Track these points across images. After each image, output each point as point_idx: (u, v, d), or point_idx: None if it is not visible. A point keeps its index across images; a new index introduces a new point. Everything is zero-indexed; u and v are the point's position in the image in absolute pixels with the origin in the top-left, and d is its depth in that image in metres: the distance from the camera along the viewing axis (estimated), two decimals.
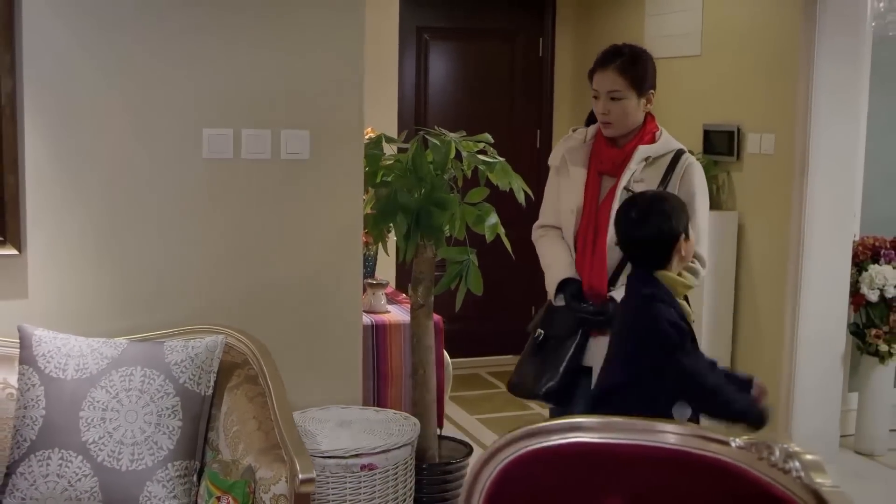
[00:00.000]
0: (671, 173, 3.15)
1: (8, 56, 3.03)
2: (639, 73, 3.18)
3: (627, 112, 3.18)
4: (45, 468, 2.80)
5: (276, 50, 3.31)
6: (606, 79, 3.18)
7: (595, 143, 3.27)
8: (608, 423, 1.90)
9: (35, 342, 2.92)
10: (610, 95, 3.16)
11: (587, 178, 3.22)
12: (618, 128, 3.19)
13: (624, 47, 3.24)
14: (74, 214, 3.17)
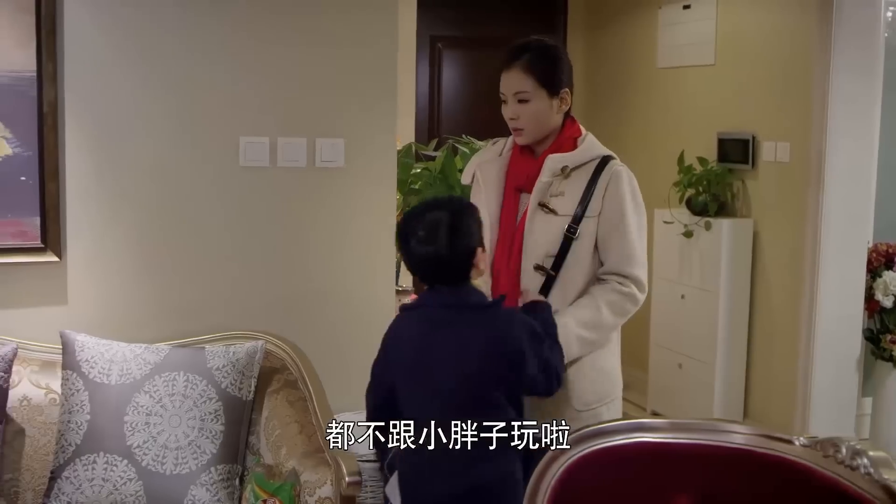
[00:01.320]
0: (594, 184, 2.72)
1: (51, 65, 3.07)
2: (548, 70, 2.76)
3: (538, 115, 2.76)
4: (91, 472, 2.83)
5: (311, 59, 3.35)
6: (512, 79, 2.76)
7: (511, 156, 2.88)
8: (673, 424, 1.94)
9: (78, 348, 2.95)
10: (517, 97, 2.75)
11: (504, 195, 2.84)
12: (529, 134, 2.78)
13: (530, 42, 2.80)
14: (114, 221, 3.21)
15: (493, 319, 2.49)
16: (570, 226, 2.70)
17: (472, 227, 2.49)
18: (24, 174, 3.09)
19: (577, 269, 2.73)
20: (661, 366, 5.63)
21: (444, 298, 2.51)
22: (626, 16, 6.30)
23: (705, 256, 5.24)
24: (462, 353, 2.44)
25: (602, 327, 2.72)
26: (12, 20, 3.04)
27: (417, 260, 2.49)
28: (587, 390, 2.74)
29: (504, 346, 2.44)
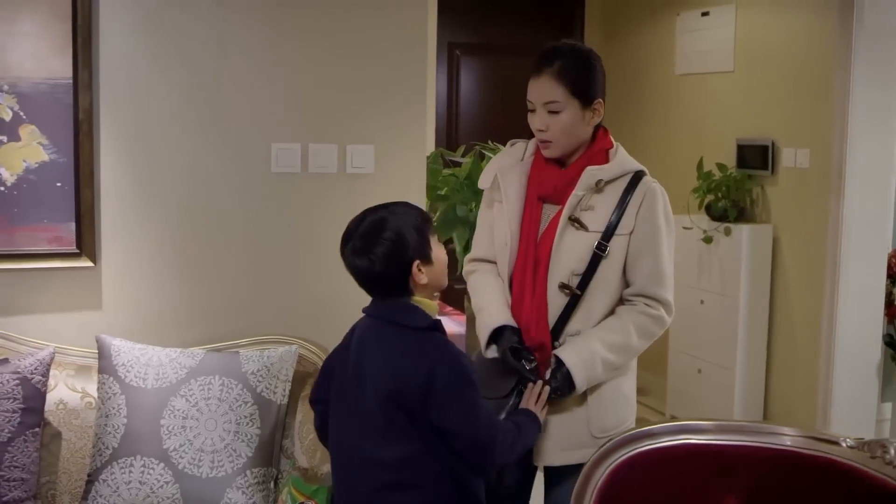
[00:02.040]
0: (628, 200, 2.57)
1: (87, 73, 3.11)
2: (583, 78, 2.57)
3: (570, 128, 2.57)
4: (128, 475, 2.85)
5: (342, 67, 3.38)
6: (542, 86, 2.57)
7: (535, 162, 2.69)
8: (719, 425, 1.97)
9: (114, 352, 2.98)
10: (547, 108, 2.56)
11: (525, 204, 2.65)
12: (558, 147, 2.60)
13: (563, 47, 2.61)
14: (147, 227, 3.24)
15: (419, 344, 2.33)
16: (599, 243, 2.55)
17: (408, 240, 2.33)
18: (60, 180, 3.13)
19: (603, 289, 2.59)
20: (681, 371, 5.65)
21: (378, 311, 2.41)
22: (643, 22, 6.33)
23: (725, 262, 5.26)
24: (382, 373, 2.32)
25: (629, 351, 2.60)
26: (49, 28, 3.07)
27: (351, 270, 2.38)
28: (607, 416, 2.62)
29: (416, 375, 2.27)
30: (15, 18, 3.03)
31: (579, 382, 2.53)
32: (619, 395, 2.66)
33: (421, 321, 2.35)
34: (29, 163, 3.09)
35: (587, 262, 2.56)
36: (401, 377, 2.29)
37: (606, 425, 2.60)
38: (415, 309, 2.37)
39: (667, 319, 2.62)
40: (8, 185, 3.08)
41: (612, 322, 2.59)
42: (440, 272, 2.42)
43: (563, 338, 2.59)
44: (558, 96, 2.55)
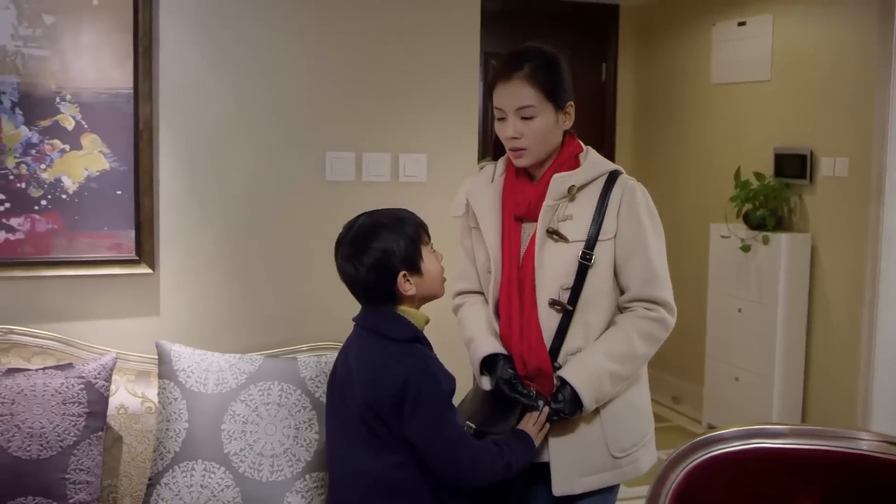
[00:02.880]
0: (606, 203, 2.45)
1: (147, 83, 3.16)
2: (555, 80, 2.44)
3: (544, 133, 2.45)
4: (189, 479, 2.89)
5: (396, 77, 3.43)
6: (513, 91, 2.43)
7: (506, 180, 2.57)
8: (793, 429, 1.99)
9: (174, 357, 3.02)
10: (520, 114, 2.43)
11: (503, 225, 2.53)
12: (533, 155, 2.47)
13: (530, 49, 2.48)
14: (205, 234, 3.28)
15: (397, 355, 2.30)
16: (584, 252, 2.43)
17: (395, 249, 2.30)
18: (120, 188, 3.18)
19: (597, 300, 2.47)
20: (718, 379, 5.66)
21: (365, 319, 2.39)
22: (678, 32, 6.36)
23: (763, 270, 5.27)
24: (362, 383, 2.31)
25: (635, 359, 2.46)
26: (110, 39, 3.13)
27: (341, 276, 2.37)
28: (624, 433, 2.51)
29: (391, 385, 2.26)
30: (77, 30, 3.09)
31: (587, 401, 2.41)
32: (633, 408, 2.55)
33: (401, 332, 2.32)
34: (90, 171, 3.15)
35: (574, 275, 2.44)
36: (377, 388, 2.27)
37: (625, 443, 2.51)
38: (398, 319, 2.34)
39: (669, 320, 2.48)
40: (70, 192, 3.13)
41: (612, 332, 2.47)
42: (431, 283, 2.38)
43: (562, 358, 2.46)
44: (532, 100, 2.42)
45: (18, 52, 3.05)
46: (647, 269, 2.46)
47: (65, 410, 2.82)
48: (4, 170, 3.06)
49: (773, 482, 1.98)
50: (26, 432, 2.76)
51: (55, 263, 3.15)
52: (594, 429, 2.48)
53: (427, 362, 2.30)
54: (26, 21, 3.04)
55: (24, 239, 3.11)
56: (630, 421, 2.54)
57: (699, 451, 2.03)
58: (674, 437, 5.60)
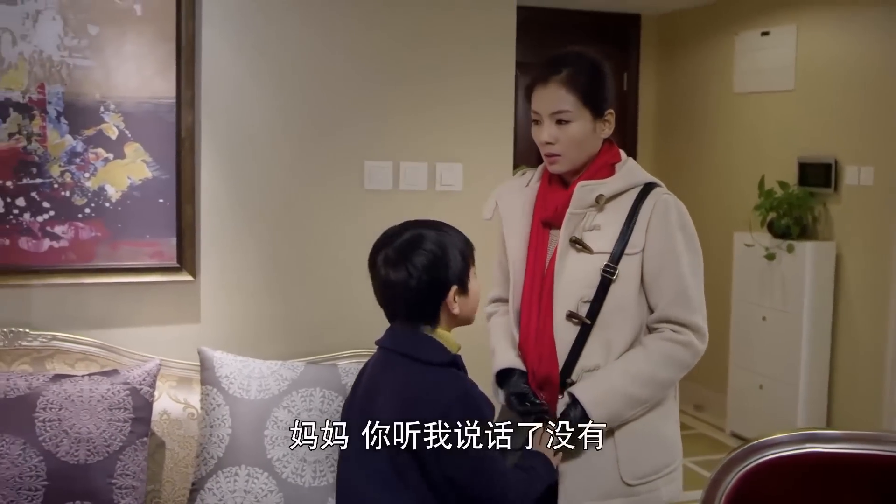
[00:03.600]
0: (636, 216, 2.33)
1: (189, 92, 3.20)
2: (594, 86, 2.37)
3: (580, 139, 2.36)
4: (233, 484, 2.92)
5: (433, 88, 3.47)
6: (549, 95, 2.36)
7: (540, 187, 2.49)
8: (847, 434, 2.01)
9: (217, 364, 3.05)
10: (556, 118, 2.35)
11: (531, 231, 2.45)
12: (567, 161, 2.39)
13: (570, 53, 2.41)
14: (245, 242, 3.32)
15: (434, 380, 2.12)
16: (607, 265, 2.32)
17: (451, 260, 2.16)
18: (163, 196, 3.22)
19: (619, 317, 2.34)
20: (742, 387, 5.68)
21: (393, 342, 2.22)
22: (700, 42, 6.39)
23: (787, 279, 5.29)
24: (391, 412, 2.11)
25: (655, 383, 2.33)
26: (154, 49, 3.17)
27: (381, 284, 2.19)
28: (640, 459, 2.36)
29: (429, 414, 2.06)
30: (121, 39, 3.13)
31: (597, 420, 2.29)
32: (656, 435, 2.40)
33: (439, 356, 2.15)
34: (133, 179, 3.18)
35: (595, 288, 2.32)
36: (412, 418, 2.07)
37: (640, 470, 2.36)
38: (433, 342, 2.17)
39: (698, 345, 2.33)
40: (113, 201, 3.17)
41: (634, 352, 2.35)
42: (473, 307, 2.25)
43: (577, 374, 2.34)
44: (568, 105, 2.34)
45: (64, 63, 3.09)
46: (677, 288, 2.33)
47: (111, 416, 2.85)
48: (49, 178, 3.10)
49: (827, 486, 2.00)
50: (74, 437, 2.79)
51: (98, 271, 3.18)
52: (607, 452, 2.33)
53: (467, 388, 2.13)
54: (72, 32, 3.08)
55: (68, 246, 3.15)
56: (648, 447, 2.38)
57: (753, 455, 2.05)
58: (698, 444, 5.61)
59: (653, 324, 2.37)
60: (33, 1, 3.04)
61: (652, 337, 2.36)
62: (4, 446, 2.74)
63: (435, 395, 2.08)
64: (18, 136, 3.07)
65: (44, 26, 3.06)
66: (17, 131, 3.07)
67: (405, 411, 2.09)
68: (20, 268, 3.11)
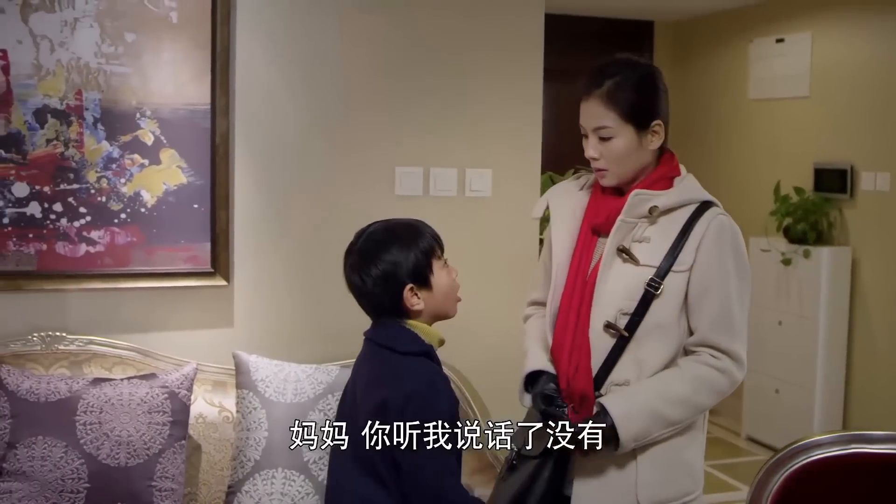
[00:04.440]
0: (688, 234, 2.25)
1: (224, 99, 3.23)
2: (637, 98, 2.28)
3: (624, 155, 2.29)
4: (270, 486, 2.95)
5: (462, 95, 3.50)
6: (590, 111, 2.29)
7: (594, 192, 2.41)
8: (890, 435, 2.04)
9: (252, 368, 3.08)
10: (598, 134, 2.29)
11: (578, 235, 2.37)
12: (615, 175, 2.31)
13: (613, 64, 2.32)
14: (278, 247, 3.35)
15: (403, 368, 2.20)
16: (652, 279, 2.24)
17: (403, 261, 2.22)
18: (197, 202, 3.25)
19: (657, 334, 2.26)
20: (757, 391, 5.71)
21: (373, 333, 2.33)
22: (714, 49, 6.43)
23: (804, 284, 5.33)
24: (366, 398, 2.20)
25: (687, 405, 2.24)
26: (189, 56, 3.20)
27: (349, 287, 2.32)
28: (660, 483, 2.28)
29: (395, 398, 2.13)
30: (157, 47, 3.16)
31: (625, 437, 2.19)
32: (678, 460, 2.31)
33: (410, 345, 2.23)
34: (168, 185, 3.22)
35: (637, 301, 2.24)
36: (381, 401, 2.16)
37: (659, 495, 2.27)
38: (407, 333, 2.25)
39: (736, 374, 2.25)
40: (148, 206, 3.20)
41: (669, 371, 2.26)
42: (442, 298, 2.28)
43: (605, 388, 2.27)
44: (609, 122, 2.27)
45: (101, 69, 3.12)
46: (721, 312, 2.24)
47: (150, 419, 2.88)
48: (86, 184, 3.13)
49: (872, 487, 2.03)
50: (114, 440, 2.82)
51: (133, 275, 3.21)
52: (627, 471, 2.27)
53: (434, 377, 2.18)
54: (109, 39, 3.12)
55: (104, 251, 3.18)
56: (670, 472, 2.29)
57: (799, 457, 2.08)
58: (713, 448, 5.62)
59: (691, 346, 2.28)
60: (71, 9, 3.08)
61: (688, 359, 2.27)
62: (47, 449, 2.78)
63: (402, 380, 2.17)
64: (56, 142, 3.10)
65: (81, 34, 3.09)
66: (55, 137, 3.10)
67: (374, 397, 2.18)
68: (57, 273, 3.14)
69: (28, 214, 3.09)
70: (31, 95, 3.07)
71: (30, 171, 3.08)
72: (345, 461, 2.30)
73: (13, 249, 3.09)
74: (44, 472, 2.76)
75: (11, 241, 3.09)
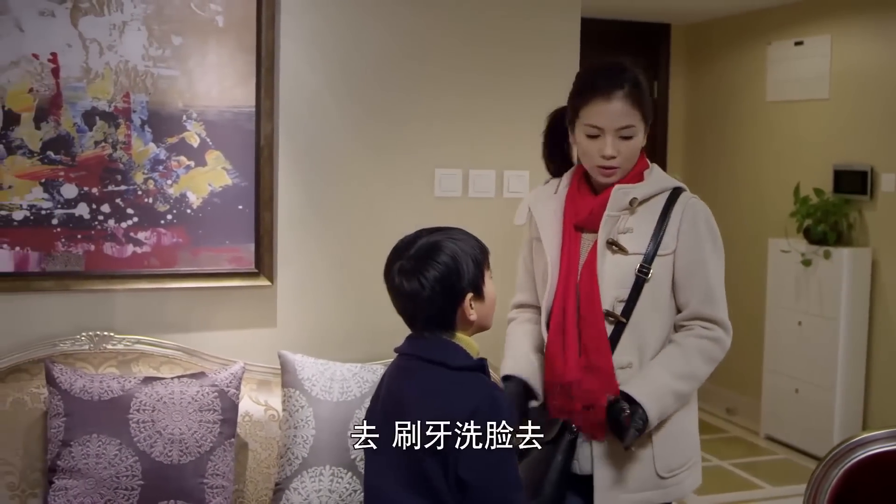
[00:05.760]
0: (667, 219, 2.45)
1: (268, 102, 3.28)
2: (648, 100, 2.48)
3: (636, 152, 2.48)
4: (318, 483, 2.99)
5: (499, 96, 3.55)
6: (615, 111, 2.42)
7: (569, 193, 2.57)
8: None
9: (298, 367, 3.12)
10: (620, 133, 2.43)
11: (563, 234, 2.52)
12: (623, 172, 2.48)
13: (626, 68, 2.49)
14: (320, 248, 3.40)
15: (462, 383, 2.12)
16: (641, 266, 2.43)
17: (465, 268, 2.15)
18: (242, 203, 3.29)
19: (652, 314, 2.46)
20: (776, 391, 5.76)
21: (415, 348, 2.22)
22: (731, 51, 6.48)
23: (824, 284, 5.38)
24: (419, 415, 2.09)
25: (695, 378, 2.46)
26: (234, 60, 3.25)
27: (395, 294, 2.20)
28: (673, 453, 2.50)
29: (460, 415, 2.05)
30: (203, 50, 3.21)
31: (652, 418, 2.38)
32: (683, 430, 2.54)
33: (465, 360, 2.14)
34: (214, 186, 3.26)
35: (630, 287, 2.43)
36: (440, 419, 2.06)
37: (672, 463, 2.49)
38: (456, 347, 2.16)
39: (726, 341, 2.46)
40: (194, 207, 3.24)
41: (672, 350, 2.46)
42: (489, 311, 2.23)
43: None
44: (634, 121, 2.42)
45: (148, 72, 3.16)
46: (706, 288, 2.45)
47: (201, 417, 2.92)
48: (133, 185, 3.18)
49: None
50: (167, 438, 2.87)
51: (179, 276, 3.25)
52: (645, 448, 2.46)
53: (494, 392, 2.13)
54: (156, 42, 3.16)
55: (151, 252, 3.22)
56: (679, 442, 2.52)
57: (856, 452, 2.13)
58: (732, 447, 5.69)
59: (682, 321, 2.49)
60: (120, 13, 3.12)
61: (684, 335, 2.47)
62: (101, 446, 2.82)
63: (463, 398, 2.08)
64: (104, 144, 3.14)
65: (129, 37, 3.14)
66: (103, 139, 3.14)
67: (434, 414, 2.08)
68: (104, 273, 3.18)
69: (76, 216, 3.14)
70: (81, 98, 3.11)
71: (78, 172, 3.13)
72: (389, 485, 2.18)
73: (62, 250, 3.14)
74: (98, 470, 2.80)
75: (60, 242, 3.13)
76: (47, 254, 3.12)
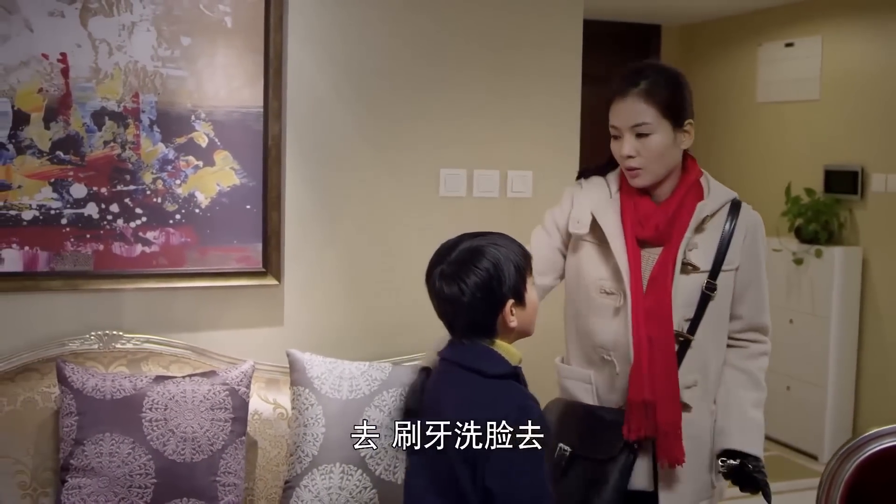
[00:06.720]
0: (731, 233, 2.41)
1: (276, 102, 3.30)
2: (672, 96, 2.40)
3: (662, 152, 2.38)
4: (328, 481, 3.01)
5: (503, 97, 3.58)
6: (628, 109, 2.37)
7: (623, 199, 2.47)
8: None
9: (307, 365, 3.14)
10: (636, 131, 2.37)
11: (627, 250, 2.41)
12: (650, 174, 2.40)
13: (647, 66, 2.47)
14: (327, 247, 3.42)
15: (494, 392, 2.09)
16: (708, 282, 2.39)
17: (506, 274, 2.10)
18: (250, 203, 3.31)
19: (713, 331, 2.44)
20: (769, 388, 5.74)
21: (454, 354, 2.18)
22: (722, 52, 6.54)
23: (815, 283, 5.44)
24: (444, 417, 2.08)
25: (763, 401, 2.56)
26: (242, 60, 3.26)
27: (437, 299, 2.16)
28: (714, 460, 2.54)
29: None
30: (212, 51, 3.22)
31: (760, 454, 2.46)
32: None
33: (499, 368, 2.11)
34: (222, 186, 3.28)
35: (696, 305, 2.39)
36: None
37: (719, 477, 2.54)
38: (494, 354, 2.13)
39: (769, 348, 2.56)
40: (202, 207, 3.26)
41: (744, 381, 2.51)
42: (531, 318, 2.19)
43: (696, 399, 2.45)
44: (648, 117, 2.36)
45: (157, 72, 3.18)
46: (759, 297, 2.50)
47: (213, 416, 2.94)
48: (142, 185, 3.19)
49: None
50: (180, 436, 2.88)
51: (187, 275, 3.27)
52: (707, 463, 2.51)
53: (528, 401, 2.08)
54: (165, 43, 3.18)
55: (159, 251, 3.23)
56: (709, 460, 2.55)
57: (870, 445, 2.17)
58: None
59: (737, 335, 2.50)
60: (129, 13, 3.13)
61: (743, 358, 2.52)
62: (114, 445, 2.83)
63: (496, 405, 2.05)
64: (113, 144, 3.16)
65: (139, 37, 3.15)
66: (112, 139, 3.15)
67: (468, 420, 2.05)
68: (113, 272, 3.19)
69: (85, 215, 3.15)
70: (90, 98, 3.12)
71: (87, 172, 3.14)
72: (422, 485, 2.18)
73: (71, 250, 3.14)
74: (112, 468, 2.81)
75: (69, 242, 3.14)
76: (56, 253, 3.13)
